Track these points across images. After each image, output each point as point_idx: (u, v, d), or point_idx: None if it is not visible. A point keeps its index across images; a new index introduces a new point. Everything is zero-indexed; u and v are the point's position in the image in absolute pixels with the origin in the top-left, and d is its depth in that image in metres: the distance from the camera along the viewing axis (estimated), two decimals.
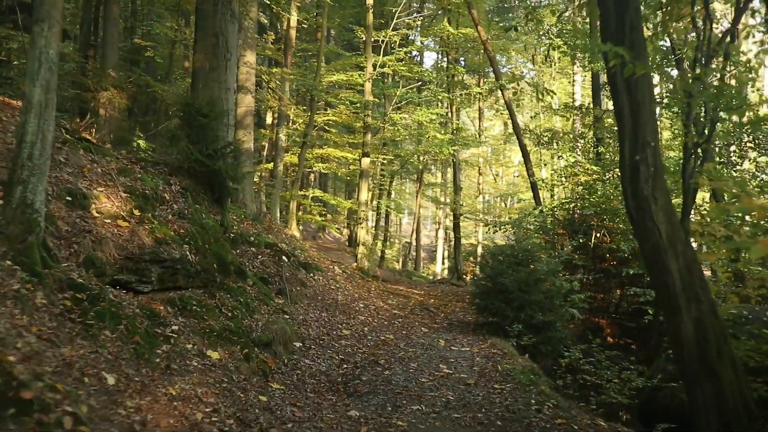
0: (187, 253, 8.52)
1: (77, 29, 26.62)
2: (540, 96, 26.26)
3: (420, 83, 25.86)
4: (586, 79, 29.18)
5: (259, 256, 13.97)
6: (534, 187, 21.89)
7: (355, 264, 22.71)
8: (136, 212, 8.27)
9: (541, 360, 13.70)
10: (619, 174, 6.11)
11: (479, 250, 40.73)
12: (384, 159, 29.26)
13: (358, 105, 23.74)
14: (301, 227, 28.50)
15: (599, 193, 16.17)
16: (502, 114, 44.49)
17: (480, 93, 27.77)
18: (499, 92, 45.23)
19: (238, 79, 21.67)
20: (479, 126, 39.94)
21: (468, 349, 12.04)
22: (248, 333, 8.60)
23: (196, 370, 6.98)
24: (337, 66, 25.54)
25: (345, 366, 9.72)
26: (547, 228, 18.02)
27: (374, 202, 34.18)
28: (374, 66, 22.97)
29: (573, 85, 28.57)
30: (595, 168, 17.02)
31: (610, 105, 23.49)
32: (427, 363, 10.43)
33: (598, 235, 16.71)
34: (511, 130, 47.37)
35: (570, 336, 14.70)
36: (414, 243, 40.72)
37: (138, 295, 7.78)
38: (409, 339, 12.54)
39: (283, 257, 15.16)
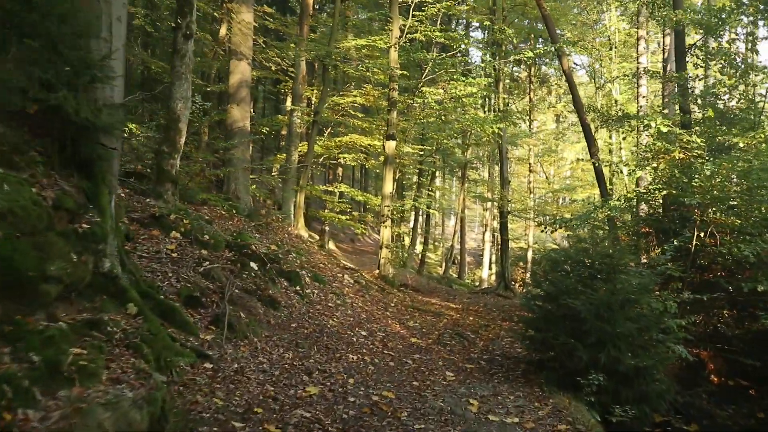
0: None
1: None
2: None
3: (458, 51, 20.29)
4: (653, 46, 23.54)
5: (206, 263, 8.93)
6: (599, 175, 16.42)
7: (377, 271, 17.53)
8: None
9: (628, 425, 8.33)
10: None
11: (529, 254, 35.12)
12: (421, 150, 23.97)
13: (381, 77, 18.55)
14: (327, 228, 23.45)
15: (708, 173, 10.65)
16: (554, 107, 38.89)
17: (533, 58, 21.82)
18: (550, 82, 39.70)
19: (230, 41, 16.80)
20: (530, 119, 34.43)
21: (516, 419, 6.81)
22: None
23: None
24: (360, 35, 20.29)
25: None
26: (626, 225, 12.57)
27: (412, 201, 28.97)
28: (402, 31, 17.76)
29: (637, 45, 22.93)
30: (698, 140, 11.43)
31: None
32: None
33: (702, 234, 11.19)
34: (564, 126, 41.70)
35: (671, 384, 9.27)
36: (457, 246, 35.25)
37: None
38: (419, 399, 7.30)
39: (252, 264, 10.10)
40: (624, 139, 29.34)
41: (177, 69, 10.74)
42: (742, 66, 14.61)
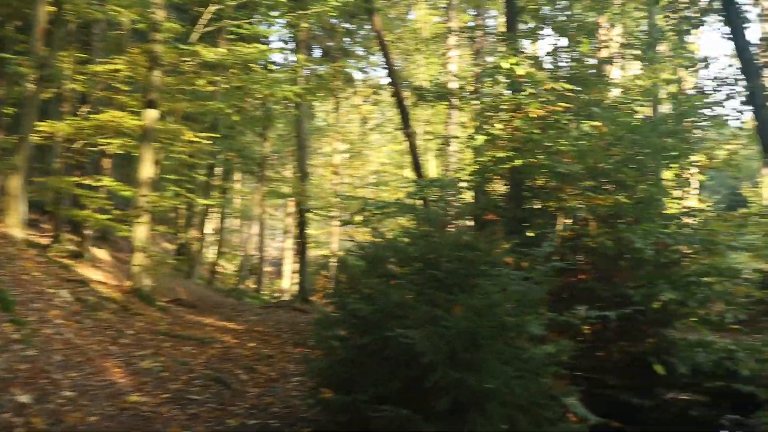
0: None
1: None
2: None
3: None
4: None
5: None
6: (415, 154, 12.77)
7: (129, 283, 12.43)
8: None
9: None
10: None
11: (334, 263, 31.09)
12: (207, 137, 18.88)
13: (141, 24, 13.50)
14: (89, 231, 17.61)
15: (587, 128, 6.94)
16: (360, 107, 35.35)
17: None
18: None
19: None
20: (335, 120, 30.75)
21: None
22: None
23: None
24: None
25: None
26: (461, 210, 8.62)
27: (203, 200, 23.72)
28: None
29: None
30: (566, 87, 7.66)
31: None
32: None
33: (568, 221, 7.51)
34: (370, 127, 38.30)
35: None
36: (257, 254, 30.45)
37: None
38: None
39: None
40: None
41: None
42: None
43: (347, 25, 27.32)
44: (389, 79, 13.64)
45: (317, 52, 29.71)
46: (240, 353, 9.41)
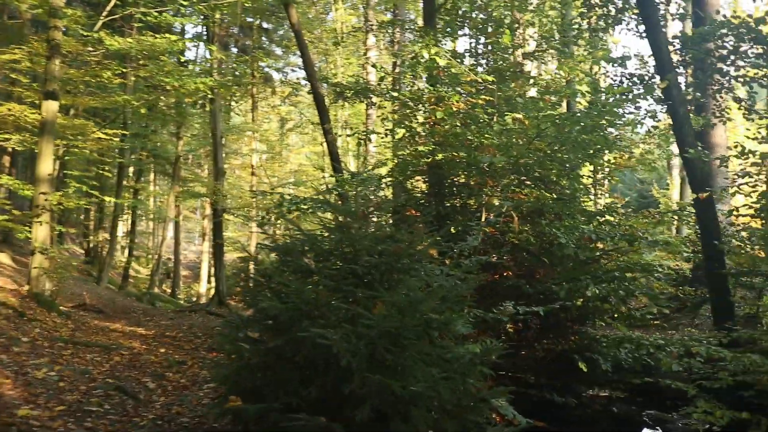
0: None
1: None
2: None
3: None
4: None
5: None
6: (333, 151, 12.48)
7: (27, 287, 11.57)
8: None
9: None
10: None
11: (252, 266, 30.29)
12: (115, 134, 17.93)
13: (39, 10, 12.58)
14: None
15: (510, 120, 6.76)
16: (278, 107, 34.66)
17: None
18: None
19: None
20: (253, 119, 30.05)
21: None
22: None
23: None
24: None
25: None
26: (380, 205, 8.31)
27: (112, 198, 22.53)
28: None
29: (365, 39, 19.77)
30: (488, 79, 7.43)
31: None
32: None
33: (490, 215, 7.32)
34: (289, 127, 37.64)
35: None
36: (164, 256, 29.39)
37: None
38: None
39: None
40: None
41: None
42: None
43: (264, 24, 26.83)
44: (307, 75, 13.18)
45: (234, 51, 28.98)
46: (149, 360, 8.83)
